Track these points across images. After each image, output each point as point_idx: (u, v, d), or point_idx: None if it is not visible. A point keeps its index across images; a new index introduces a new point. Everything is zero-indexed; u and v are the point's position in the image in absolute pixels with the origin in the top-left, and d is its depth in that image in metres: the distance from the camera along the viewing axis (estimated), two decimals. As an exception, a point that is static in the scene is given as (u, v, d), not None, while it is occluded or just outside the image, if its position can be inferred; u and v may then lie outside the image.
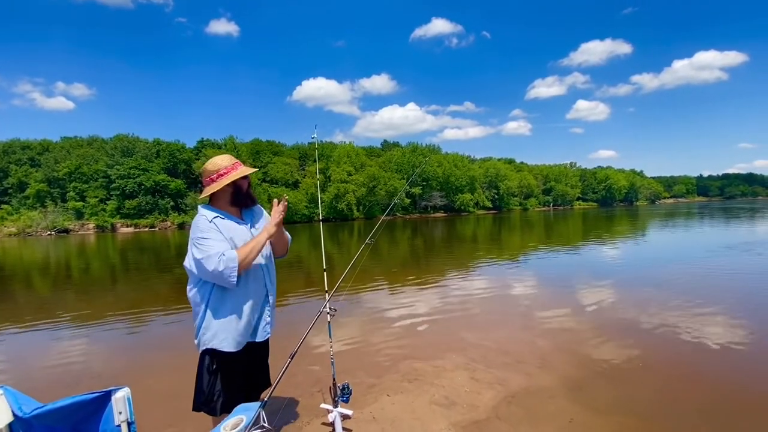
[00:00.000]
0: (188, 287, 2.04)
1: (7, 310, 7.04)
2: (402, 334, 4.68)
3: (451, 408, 2.86)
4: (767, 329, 4.44)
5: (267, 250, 2.17)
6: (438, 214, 59.13)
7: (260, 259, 2.09)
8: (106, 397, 1.07)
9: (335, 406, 2.52)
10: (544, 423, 2.66)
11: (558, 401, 2.95)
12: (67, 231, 40.16)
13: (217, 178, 2.04)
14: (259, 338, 2.10)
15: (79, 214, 42.73)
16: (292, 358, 1.89)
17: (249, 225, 2.13)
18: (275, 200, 2.12)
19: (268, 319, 2.15)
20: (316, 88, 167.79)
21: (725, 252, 10.73)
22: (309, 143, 62.50)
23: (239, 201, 2.11)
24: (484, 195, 67.32)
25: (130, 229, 41.97)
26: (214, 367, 1.99)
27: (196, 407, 2.05)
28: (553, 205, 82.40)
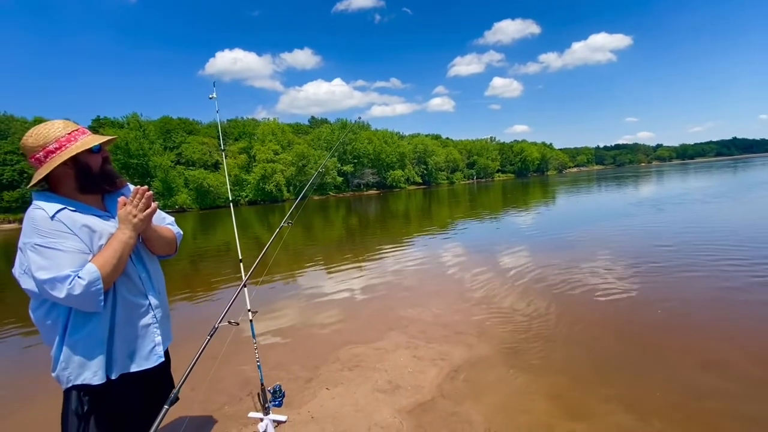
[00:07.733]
0: (31, 306, 1.43)
1: None
2: (339, 318, 4.45)
3: (395, 393, 2.73)
4: (676, 283, 5.02)
5: (142, 249, 1.61)
6: (371, 191, 59.32)
7: (135, 263, 1.55)
8: None
9: (266, 414, 2.21)
10: (486, 395, 2.64)
11: (497, 370, 2.97)
12: None
13: (46, 156, 1.41)
14: (149, 364, 1.56)
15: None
16: (184, 379, 1.40)
17: (116, 218, 1.51)
18: (137, 189, 1.51)
19: (158, 338, 1.60)
20: (231, 61, 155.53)
21: (631, 210, 12.17)
22: (229, 120, 58.07)
23: (91, 186, 1.49)
24: (414, 171, 68.92)
25: (13, 225, 35.40)
26: (86, 408, 1.47)
27: None
28: (476, 178, 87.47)
